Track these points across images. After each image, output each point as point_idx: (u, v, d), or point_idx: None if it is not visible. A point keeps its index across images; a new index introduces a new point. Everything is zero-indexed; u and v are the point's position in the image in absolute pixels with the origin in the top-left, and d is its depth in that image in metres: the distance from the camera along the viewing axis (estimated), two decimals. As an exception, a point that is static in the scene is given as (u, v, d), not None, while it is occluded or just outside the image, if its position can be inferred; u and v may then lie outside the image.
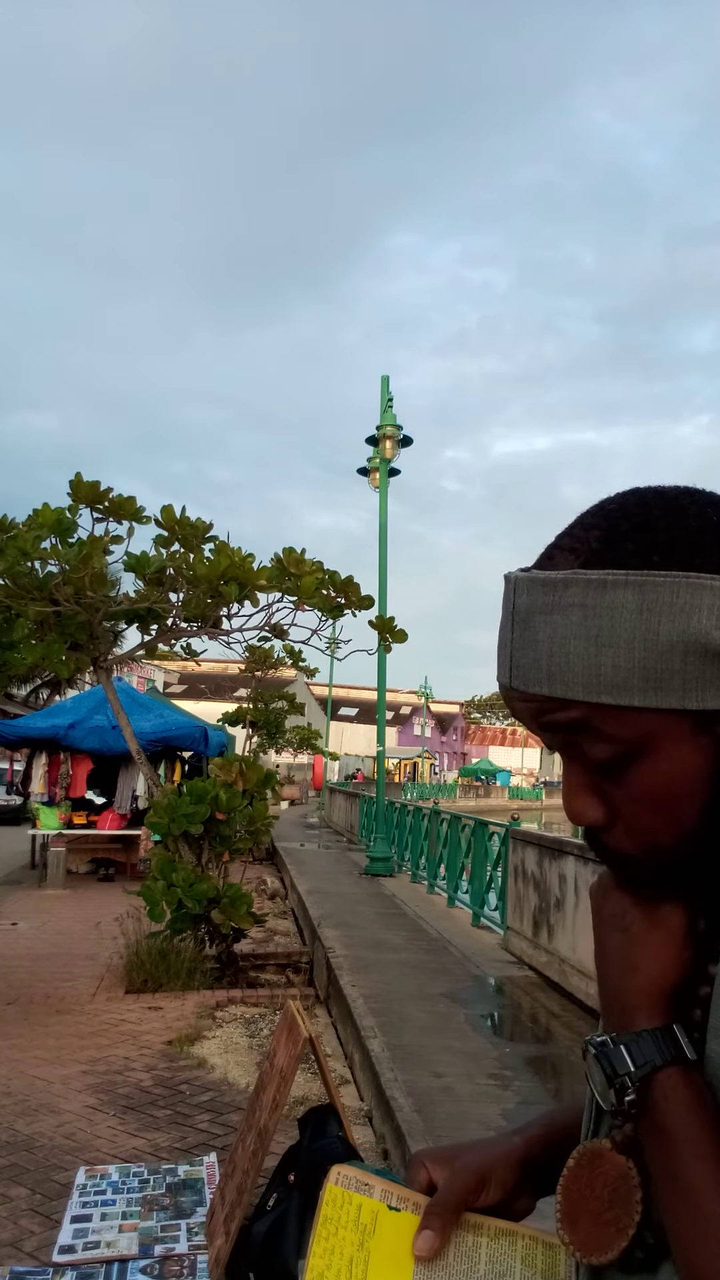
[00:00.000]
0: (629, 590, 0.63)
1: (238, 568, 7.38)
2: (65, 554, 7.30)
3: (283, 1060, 3.14)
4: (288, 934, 10.05)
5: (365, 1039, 5.57)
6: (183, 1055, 5.72)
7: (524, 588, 0.67)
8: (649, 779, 0.67)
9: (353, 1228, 0.80)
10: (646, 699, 0.64)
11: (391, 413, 15.11)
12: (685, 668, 0.63)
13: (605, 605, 0.64)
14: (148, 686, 31.35)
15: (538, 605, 0.66)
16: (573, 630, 0.65)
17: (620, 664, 0.63)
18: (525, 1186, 0.85)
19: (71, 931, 9.51)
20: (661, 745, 0.66)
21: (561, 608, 0.65)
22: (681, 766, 0.66)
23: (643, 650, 0.63)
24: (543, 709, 0.68)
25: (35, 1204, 3.80)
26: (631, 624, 0.63)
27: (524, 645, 0.67)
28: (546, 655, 0.66)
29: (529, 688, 0.67)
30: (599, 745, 0.67)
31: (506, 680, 0.69)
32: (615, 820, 0.70)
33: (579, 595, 0.64)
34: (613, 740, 0.66)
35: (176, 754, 14.83)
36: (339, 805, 26.53)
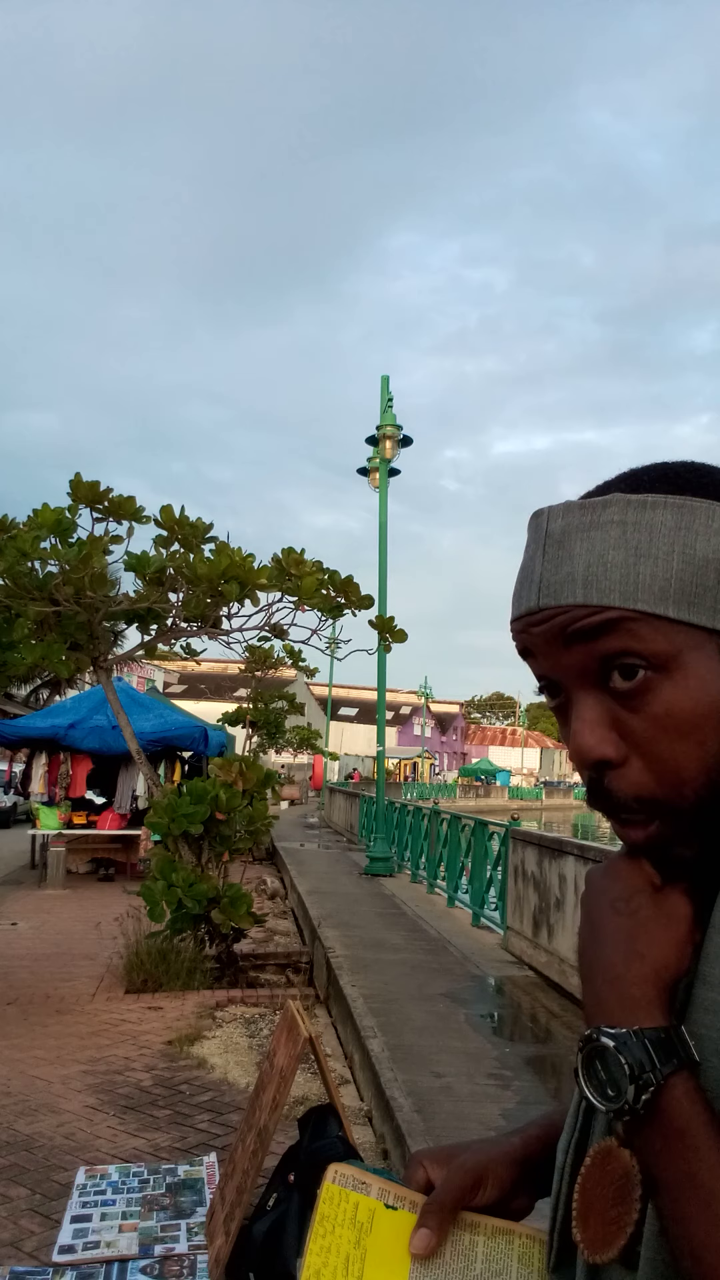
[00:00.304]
0: (668, 510, 0.66)
1: (238, 567, 7.38)
2: (65, 554, 7.30)
3: (283, 1060, 3.14)
4: (288, 934, 10.06)
5: (365, 1039, 5.57)
6: (183, 1055, 5.72)
7: (560, 512, 0.70)
8: (675, 699, 0.66)
9: (349, 1225, 0.80)
10: (680, 612, 0.65)
11: (391, 413, 15.11)
12: (719, 587, 0.66)
13: (645, 522, 0.66)
14: (148, 686, 31.36)
15: (575, 525, 0.68)
16: (612, 543, 0.67)
17: (658, 574, 0.65)
18: (523, 1186, 0.85)
19: (71, 931, 9.51)
20: (690, 664, 0.66)
21: (601, 525, 0.67)
22: (709, 689, 0.66)
23: (680, 563, 0.65)
24: (573, 618, 0.67)
25: (35, 1204, 3.80)
26: (670, 539, 0.66)
27: (557, 563, 0.69)
28: (584, 566, 0.67)
29: (560, 599, 0.68)
30: (628, 658, 0.67)
31: (535, 602, 0.69)
32: (629, 757, 0.68)
33: (618, 513, 0.67)
34: (642, 653, 0.66)
35: (176, 754, 14.83)
36: (339, 805, 26.54)
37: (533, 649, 0.71)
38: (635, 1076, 0.65)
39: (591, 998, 0.71)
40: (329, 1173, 0.83)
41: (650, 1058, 0.65)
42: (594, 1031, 0.69)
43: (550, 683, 0.72)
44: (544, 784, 77.76)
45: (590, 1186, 0.74)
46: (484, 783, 66.55)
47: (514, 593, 0.73)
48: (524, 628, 0.71)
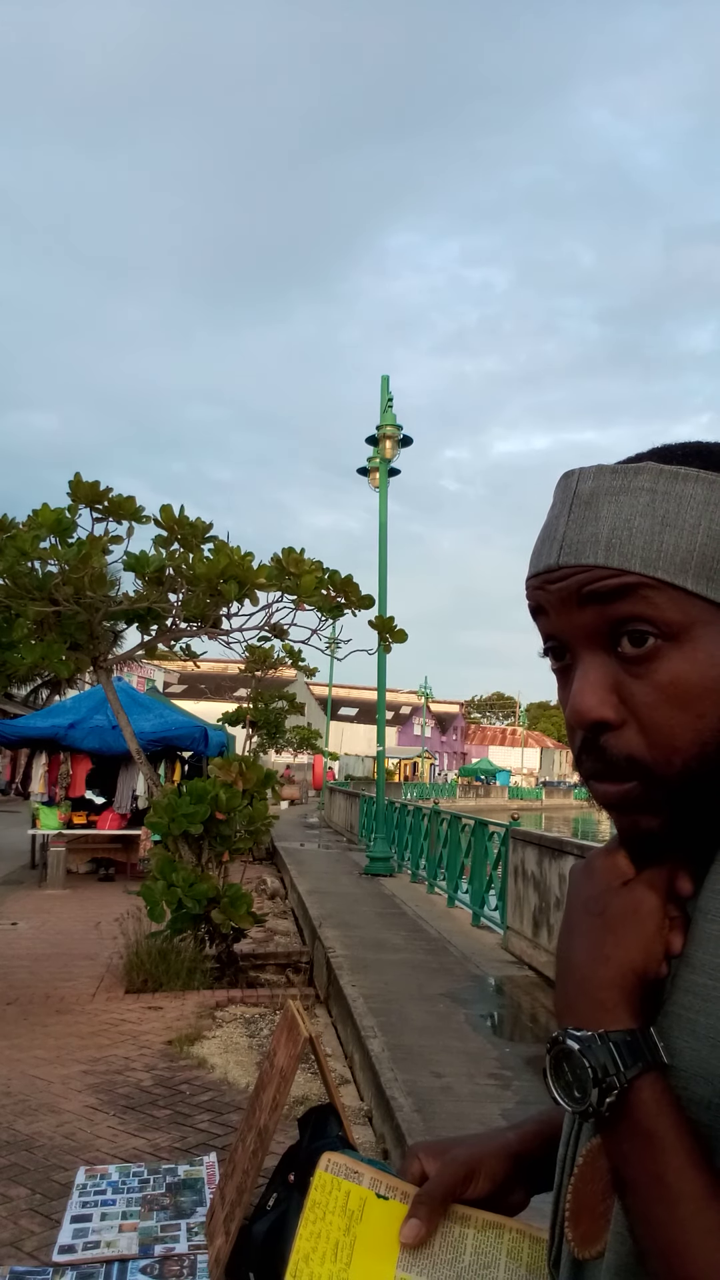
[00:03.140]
0: (699, 484, 0.67)
1: (237, 567, 7.38)
2: (65, 554, 7.30)
3: (283, 1060, 3.14)
4: (288, 934, 10.05)
5: (365, 1039, 5.57)
6: (183, 1055, 5.72)
7: (590, 474, 0.70)
8: (681, 669, 0.67)
9: (340, 1213, 0.81)
10: (699, 585, 0.66)
11: (391, 412, 15.11)
12: None
13: (675, 493, 0.67)
14: (148, 686, 31.37)
15: (605, 488, 0.69)
16: (639, 509, 0.67)
17: (682, 544, 0.66)
18: (517, 1181, 0.86)
19: (71, 931, 9.51)
20: (700, 637, 0.67)
21: (630, 490, 0.68)
22: (716, 664, 0.67)
23: (705, 537, 0.66)
24: (593, 577, 0.68)
25: (35, 1204, 3.80)
26: (698, 512, 0.67)
27: (582, 523, 0.69)
28: (609, 529, 0.68)
29: (581, 559, 0.68)
30: (640, 624, 0.67)
31: (555, 559, 0.70)
32: (627, 722, 0.69)
33: (650, 481, 0.68)
34: (655, 620, 0.67)
35: (176, 754, 14.83)
36: (339, 805, 26.54)
37: (546, 607, 0.72)
38: (599, 1080, 0.66)
39: (561, 999, 0.72)
40: (322, 1161, 0.83)
41: (615, 1061, 0.66)
42: (560, 1034, 0.69)
43: (557, 644, 0.73)
44: (544, 784, 77.77)
45: (583, 1184, 0.75)
46: (484, 783, 66.57)
47: (534, 551, 0.73)
48: (540, 584, 0.71)
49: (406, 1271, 0.80)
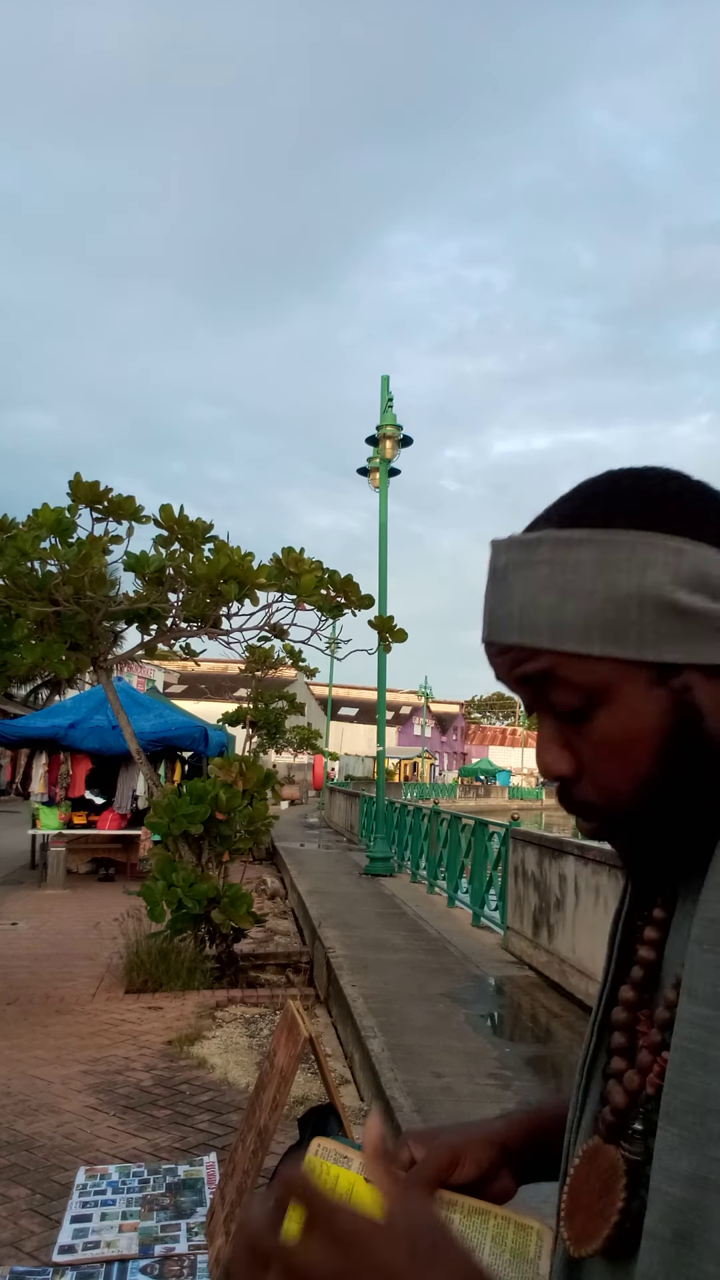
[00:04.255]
0: (591, 547, 0.69)
1: (237, 566, 7.38)
2: (65, 554, 7.30)
3: (283, 1060, 3.14)
4: (288, 934, 10.05)
5: (365, 1039, 5.57)
6: (183, 1055, 5.72)
7: (503, 548, 0.74)
8: (609, 727, 0.70)
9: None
10: (606, 648, 0.68)
11: (391, 413, 15.10)
12: (641, 620, 0.68)
13: (571, 561, 0.69)
14: (148, 686, 31.36)
15: (514, 562, 0.72)
16: (542, 584, 0.70)
17: (582, 614, 0.69)
18: (504, 1168, 0.87)
19: (71, 931, 9.51)
20: (620, 694, 0.70)
21: (533, 564, 0.71)
22: (639, 716, 0.70)
23: (602, 602, 0.68)
24: (516, 660, 0.72)
25: (35, 1204, 3.80)
26: (593, 577, 0.68)
27: (500, 600, 0.73)
28: (519, 607, 0.71)
29: (503, 638, 0.72)
30: (564, 693, 0.71)
31: (485, 635, 0.74)
32: (581, 772, 0.73)
33: (548, 552, 0.70)
34: (576, 688, 0.70)
35: (176, 754, 14.83)
36: (339, 805, 26.53)
37: (497, 675, 0.76)
38: None
39: None
40: (312, 1146, 0.84)
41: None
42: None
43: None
44: (544, 784, 77.71)
45: (578, 1184, 0.76)
46: (484, 783, 66.53)
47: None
48: (487, 654, 0.76)
49: None
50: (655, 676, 0.69)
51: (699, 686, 0.69)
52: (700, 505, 0.71)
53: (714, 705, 0.70)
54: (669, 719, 0.69)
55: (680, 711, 0.69)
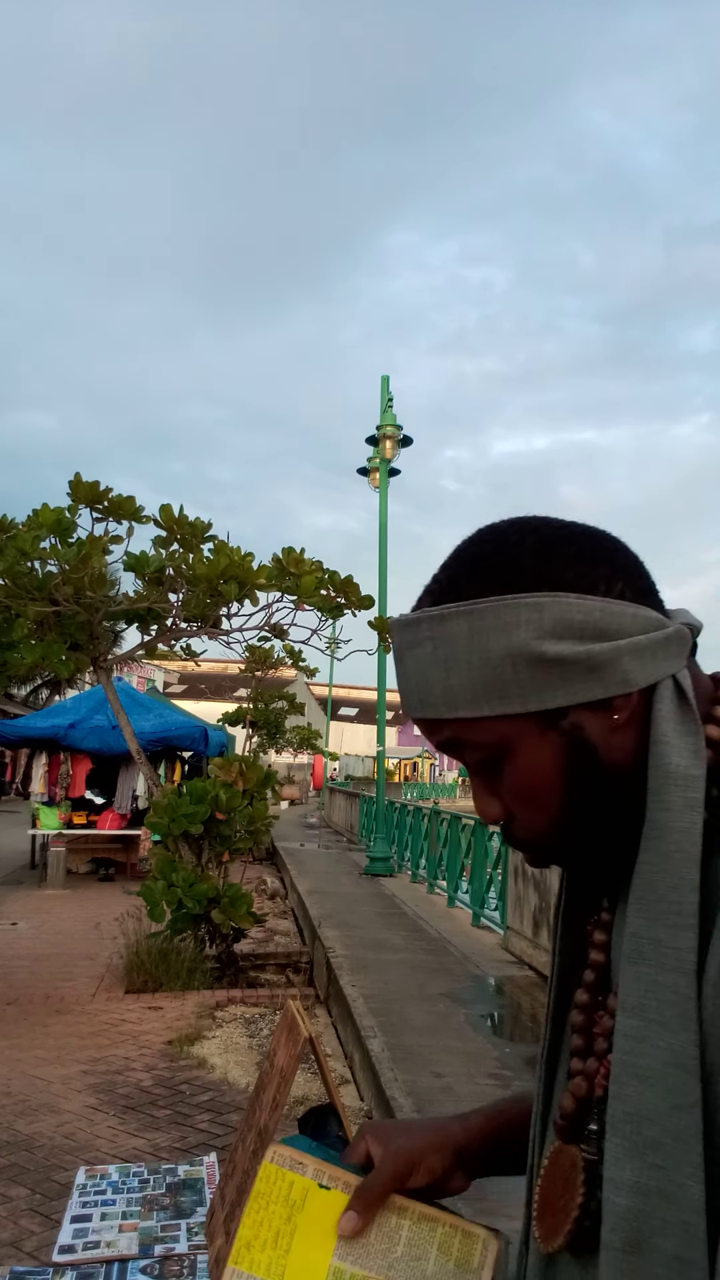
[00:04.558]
0: (461, 619, 0.74)
1: (237, 567, 7.38)
2: (65, 554, 7.30)
3: (283, 1060, 3.14)
4: (288, 934, 10.05)
5: (365, 1039, 5.57)
6: (183, 1055, 5.72)
7: (395, 630, 0.80)
8: (515, 775, 0.77)
9: (283, 1203, 0.85)
10: (495, 708, 0.74)
11: (391, 413, 15.10)
12: (518, 676, 0.73)
13: (446, 635, 0.75)
14: (148, 686, 31.33)
15: (404, 643, 0.78)
16: (428, 660, 0.76)
17: (466, 682, 0.74)
18: (459, 1170, 0.91)
19: (71, 931, 9.50)
20: (519, 745, 0.76)
21: (418, 642, 0.77)
22: (539, 761, 0.76)
23: (480, 668, 0.73)
24: (428, 730, 0.79)
25: (35, 1204, 3.80)
26: (467, 647, 0.74)
27: (403, 679, 0.80)
28: (416, 685, 0.77)
29: (412, 714, 0.79)
30: (473, 752, 0.78)
31: (402, 712, 0.81)
32: (511, 818, 0.80)
33: (428, 630, 0.76)
34: (480, 747, 0.77)
35: (176, 754, 14.82)
36: (339, 805, 26.52)
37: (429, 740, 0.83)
38: None
39: None
40: (268, 1153, 0.87)
41: None
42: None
43: None
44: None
45: (547, 1185, 0.80)
46: (484, 783, 66.42)
47: None
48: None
49: (342, 1260, 0.83)
50: (545, 723, 0.74)
51: (587, 723, 0.74)
52: (557, 556, 0.75)
53: (605, 736, 0.75)
54: (566, 758, 0.75)
55: (575, 749, 0.75)
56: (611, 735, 0.75)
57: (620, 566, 0.76)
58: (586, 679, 0.73)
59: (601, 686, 0.73)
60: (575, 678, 0.73)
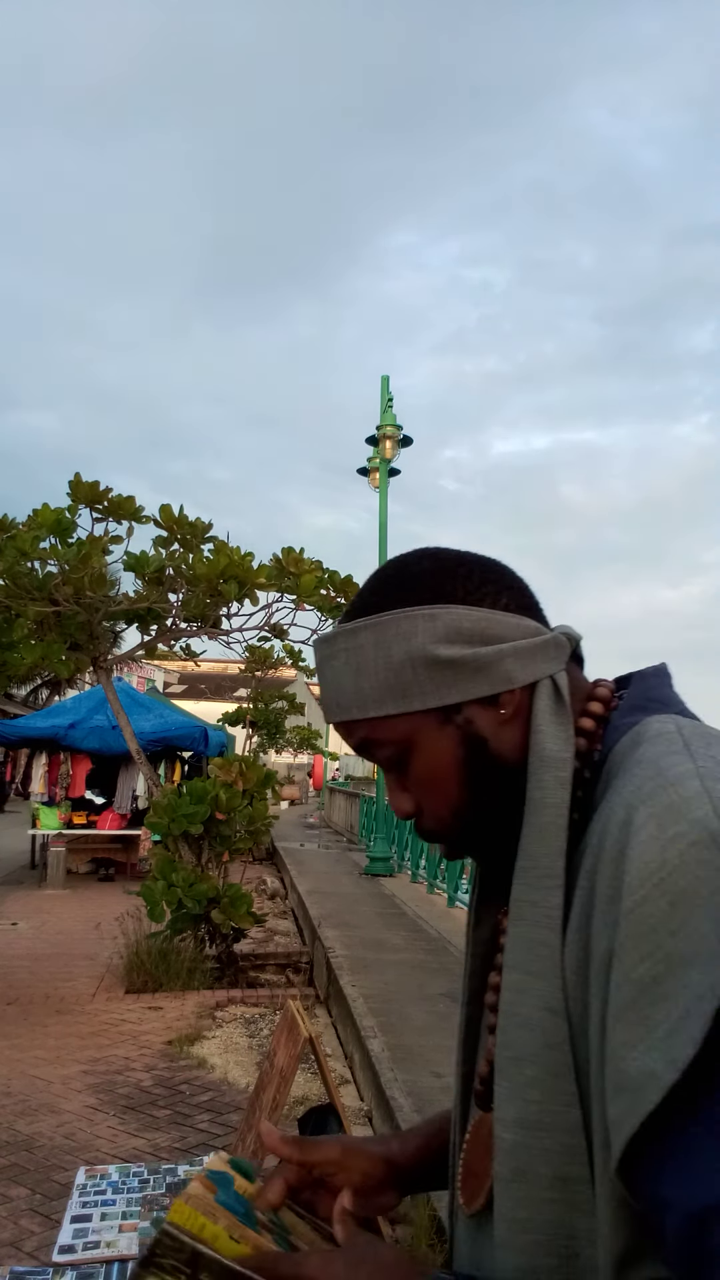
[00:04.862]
0: (368, 631, 0.86)
1: (237, 566, 7.38)
2: (65, 554, 7.30)
3: (283, 1060, 3.14)
4: (288, 934, 10.05)
5: (365, 1039, 5.57)
6: (183, 1055, 5.72)
7: (316, 647, 0.91)
8: (420, 767, 0.87)
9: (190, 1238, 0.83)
10: (398, 706, 0.85)
11: (391, 413, 15.09)
12: (416, 677, 0.84)
13: (356, 645, 0.86)
14: (148, 686, 31.33)
15: (322, 657, 0.89)
16: (341, 670, 0.87)
17: (373, 685, 0.85)
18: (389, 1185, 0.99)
19: (71, 931, 9.51)
20: (421, 739, 0.86)
21: (334, 655, 0.88)
22: (438, 753, 0.86)
23: (385, 672, 0.85)
24: (346, 734, 0.90)
25: (35, 1204, 3.80)
26: (373, 655, 0.85)
27: (322, 688, 0.90)
28: (333, 693, 0.88)
29: (330, 719, 0.89)
30: (383, 750, 0.88)
31: (325, 719, 0.91)
32: (420, 809, 0.89)
33: (342, 643, 0.87)
34: (388, 744, 0.87)
35: (176, 754, 14.82)
36: (339, 805, 26.52)
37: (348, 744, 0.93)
38: None
39: None
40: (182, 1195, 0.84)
41: None
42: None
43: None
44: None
45: (470, 1153, 0.89)
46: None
47: None
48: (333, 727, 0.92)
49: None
50: (442, 718, 0.85)
51: (478, 717, 0.86)
52: (447, 576, 0.87)
53: (493, 729, 0.86)
54: (462, 749, 0.86)
55: (469, 741, 0.86)
56: (499, 728, 0.86)
57: (505, 586, 0.89)
58: (475, 678, 0.85)
59: (489, 684, 0.85)
60: (466, 677, 0.85)
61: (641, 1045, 0.68)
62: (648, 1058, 0.68)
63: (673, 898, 0.70)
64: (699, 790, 0.72)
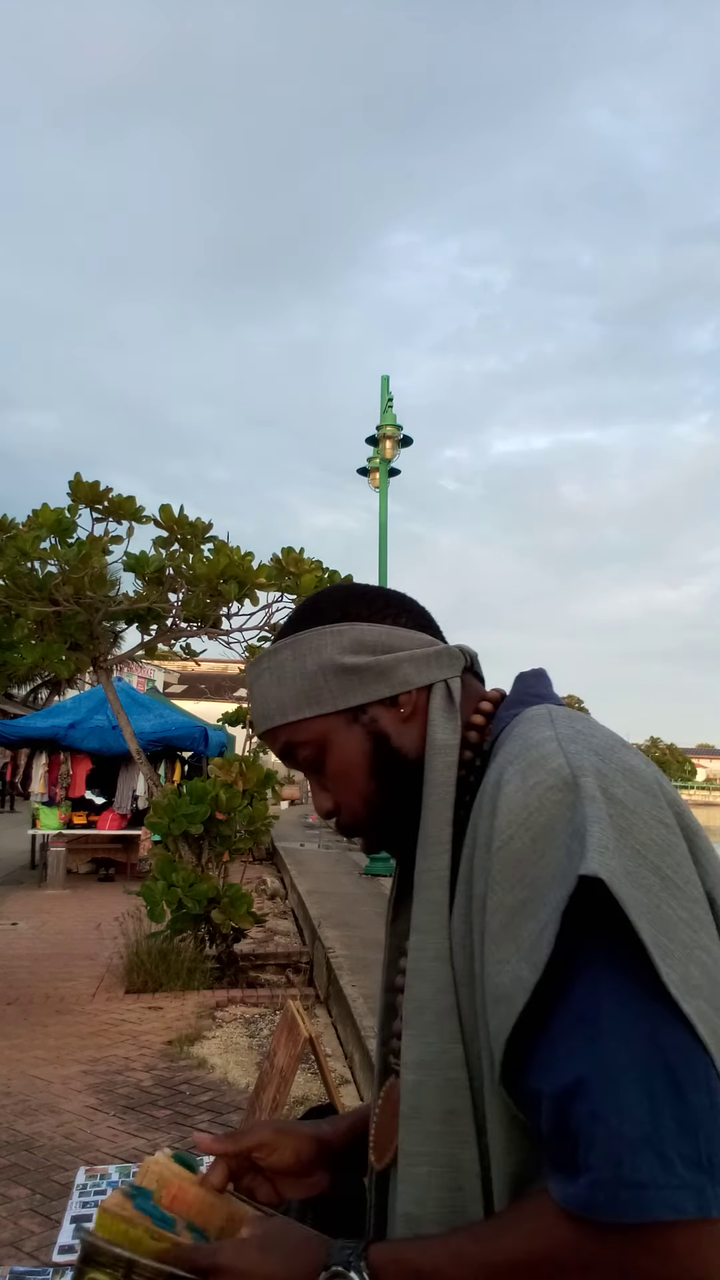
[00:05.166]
0: (287, 648, 1.02)
1: (237, 566, 7.38)
2: (65, 554, 7.30)
3: (283, 1060, 3.14)
4: (288, 934, 10.05)
5: (365, 1039, 5.56)
6: (183, 1055, 5.72)
7: (247, 670, 1.06)
8: (334, 764, 1.01)
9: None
10: (313, 709, 1.00)
11: (391, 413, 15.08)
12: (327, 683, 0.99)
13: (278, 663, 1.02)
14: (148, 686, 31.31)
15: (252, 677, 1.05)
16: (267, 684, 1.02)
17: (292, 693, 1.00)
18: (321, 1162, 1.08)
19: (71, 931, 9.50)
20: (334, 738, 1.00)
21: (262, 673, 1.03)
22: (349, 749, 1.00)
23: (301, 680, 1.00)
24: (270, 741, 1.04)
25: (35, 1204, 3.80)
26: (292, 667, 1.00)
27: (251, 704, 1.05)
28: (259, 705, 1.03)
29: (258, 730, 1.04)
30: (303, 751, 1.02)
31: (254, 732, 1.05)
32: (338, 807, 1.03)
33: (266, 661, 1.03)
34: (307, 744, 1.01)
35: (176, 754, 14.81)
36: (339, 805, 26.49)
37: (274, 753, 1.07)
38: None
39: None
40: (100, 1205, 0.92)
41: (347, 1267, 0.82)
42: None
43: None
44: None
45: (382, 1114, 1.00)
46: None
47: None
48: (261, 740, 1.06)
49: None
50: (350, 718, 1.00)
51: (381, 716, 1.00)
52: (354, 601, 1.03)
53: (395, 727, 1.00)
54: (369, 744, 0.99)
55: (374, 737, 1.00)
56: (400, 725, 1.00)
57: (404, 609, 1.04)
58: (377, 681, 0.99)
59: (389, 686, 0.99)
60: (369, 681, 0.99)
61: (512, 959, 0.79)
62: (517, 967, 0.78)
63: (535, 833, 0.82)
64: (555, 748, 0.86)
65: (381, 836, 1.04)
